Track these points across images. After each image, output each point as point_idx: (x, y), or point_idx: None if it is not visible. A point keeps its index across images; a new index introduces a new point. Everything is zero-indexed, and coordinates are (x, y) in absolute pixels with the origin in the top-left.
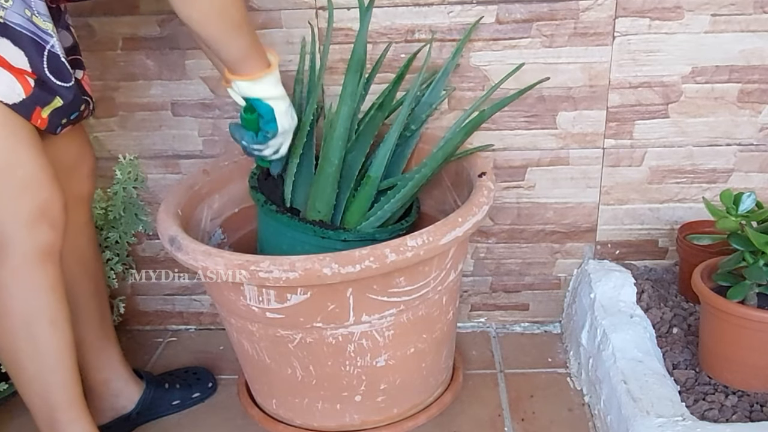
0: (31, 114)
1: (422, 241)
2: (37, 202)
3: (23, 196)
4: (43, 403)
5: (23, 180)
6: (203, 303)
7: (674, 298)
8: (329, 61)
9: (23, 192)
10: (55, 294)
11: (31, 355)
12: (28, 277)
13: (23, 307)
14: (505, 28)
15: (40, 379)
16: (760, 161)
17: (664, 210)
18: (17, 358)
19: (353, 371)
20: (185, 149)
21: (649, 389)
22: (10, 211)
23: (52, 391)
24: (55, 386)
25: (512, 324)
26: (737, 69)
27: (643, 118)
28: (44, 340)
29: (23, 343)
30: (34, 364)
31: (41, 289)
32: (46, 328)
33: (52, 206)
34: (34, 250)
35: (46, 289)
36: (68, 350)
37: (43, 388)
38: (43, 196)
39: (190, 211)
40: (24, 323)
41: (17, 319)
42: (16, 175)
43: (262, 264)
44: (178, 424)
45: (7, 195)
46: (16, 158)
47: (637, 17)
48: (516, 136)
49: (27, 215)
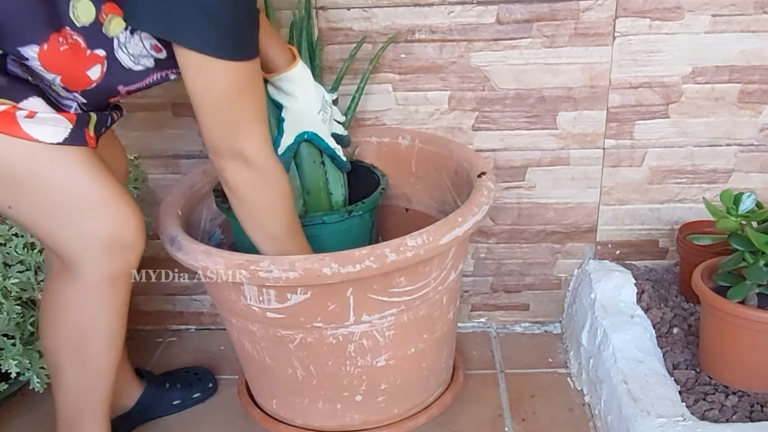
0: (84, 138)
1: (422, 240)
2: (109, 226)
3: (91, 221)
4: (74, 409)
5: (86, 205)
6: (203, 303)
7: (674, 298)
8: (329, 61)
9: (90, 217)
10: (119, 314)
11: (78, 367)
12: (98, 298)
13: (85, 324)
14: (505, 29)
15: (80, 389)
16: (761, 161)
17: (665, 210)
18: (64, 366)
19: (354, 371)
20: (185, 149)
21: (650, 389)
22: (79, 237)
23: (87, 404)
24: (91, 397)
25: (513, 324)
26: (737, 69)
27: (644, 119)
28: (96, 357)
29: (75, 356)
30: (79, 376)
31: (108, 310)
32: (101, 345)
33: (127, 228)
34: (108, 273)
35: (112, 310)
36: (115, 368)
37: (79, 397)
38: (114, 220)
39: (190, 211)
40: (81, 338)
41: (75, 334)
42: (77, 202)
43: (262, 264)
44: (179, 423)
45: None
46: (73, 186)
47: (637, 17)
48: (516, 136)
49: (100, 239)
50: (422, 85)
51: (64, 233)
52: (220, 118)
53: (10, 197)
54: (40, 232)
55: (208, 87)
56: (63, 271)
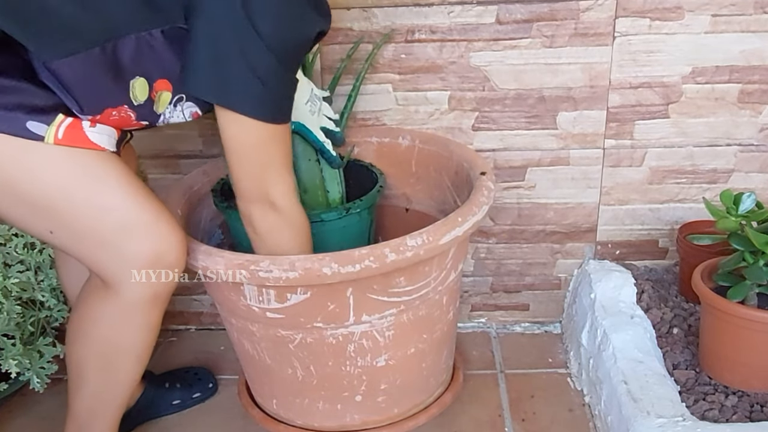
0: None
1: (422, 240)
2: (151, 246)
3: (133, 240)
4: (88, 414)
5: (127, 223)
6: (203, 303)
7: (674, 298)
8: (329, 61)
9: (133, 236)
10: (153, 333)
11: (103, 378)
12: (136, 318)
13: (117, 341)
14: (505, 29)
15: (98, 398)
16: (761, 161)
17: (665, 210)
18: (88, 376)
19: (353, 371)
20: (185, 149)
21: (650, 389)
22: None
23: (103, 410)
24: (109, 406)
25: (512, 324)
26: (737, 69)
27: (644, 119)
28: (123, 371)
29: (101, 368)
30: (101, 387)
31: (143, 328)
32: (128, 361)
33: (169, 249)
34: (149, 294)
35: (147, 329)
36: (137, 382)
37: (96, 405)
38: (156, 240)
39: (190, 211)
40: (111, 353)
41: (106, 349)
42: (117, 219)
43: (262, 264)
44: (179, 423)
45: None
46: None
47: (637, 17)
48: (516, 136)
49: (141, 261)
50: (422, 85)
51: (107, 255)
52: (253, 166)
53: (50, 222)
54: (82, 255)
55: (246, 140)
56: (102, 288)
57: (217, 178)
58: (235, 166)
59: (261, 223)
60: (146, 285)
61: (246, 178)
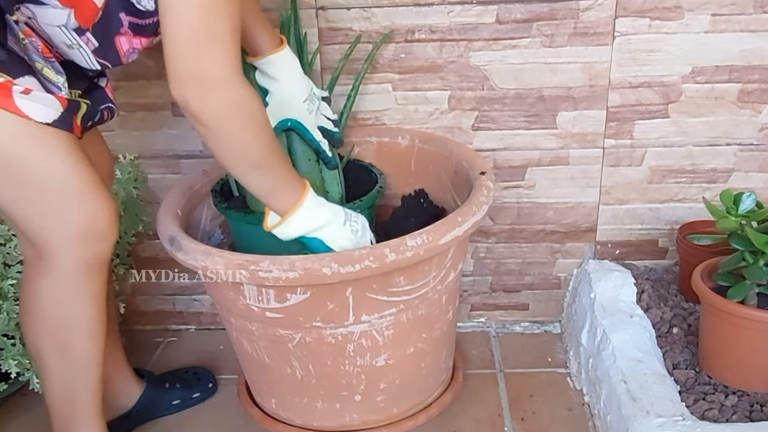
0: (71, 125)
1: (422, 240)
2: (83, 214)
3: (67, 208)
4: (64, 406)
5: (64, 192)
6: (203, 303)
7: (674, 298)
8: (329, 61)
9: (66, 204)
10: (95, 305)
11: (61, 360)
12: (73, 288)
13: (63, 316)
14: (505, 28)
15: (67, 384)
16: (760, 161)
17: (664, 210)
18: (48, 361)
19: (353, 371)
20: (185, 149)
21: (649, 389)
22: (54, 223)
23: (76, 398)
24: (80, 393)
25: (512, 324)
26: (737, 69)
27: (643, 118)
28: (78, 349)
29: (57, 349)
30: (64, 369)
31: (84, 300)
32: (82, 338)
33: (100, 218)
34: (81, 263)
35: (88, 300)
36: (99, 360)
37: (67, 392)
38: (89, 208)
39: (190, 211)
40: (60, 330)
41: (53, 326)
42: (55, 188)
43: (262, 264)
44: (178, 423)
45: (48, 208)
46: (54, 172)
47: (637, 17)
48: (516, 135)
49: (74, 227)
50: (422, 84)
51: (40, 219)
52: (190, 39)
53: None
54: (16, 215)
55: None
56: (37, 263)
57: (217, 178)
58: (169, 35)
59: (203, 109)
60: (78, 254)
61: (179, 55)
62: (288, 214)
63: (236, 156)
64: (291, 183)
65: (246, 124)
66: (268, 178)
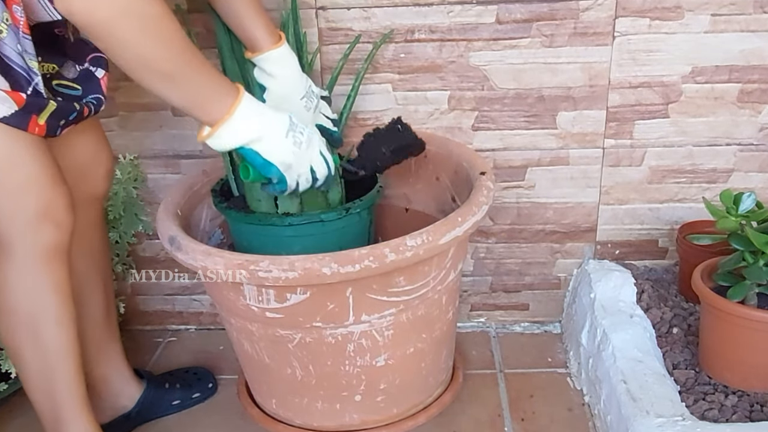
0: (27, 123)
1: (422, 240)
2: (40, 202)
3: (24, 196)
4: (47, 400)
5: (23, 181)
6: (203, 303)
7: (674, 298)
8: (329, 61)
9: (24, 192)
10: (60, 294)
11: (35, 353)
12: (33, 277)
13: (28, 306)
14: (505, 28)
15: (45, 377)
16: (760, 161)
17: (664, 210)
18: (22, 355)
19: (353, 371)
20: (185, 149)
21: (649, 389)
22: (12, 211)
23: (56, 390)
24: (59, 385)
25: (512, 324)
26: (737, 69)
27: (643, 118)
28: (49, 339)
29: (28, 342)
30: (39, 362)
31: (46, 289)
32: (51, 328)
33: (56, 206)
34: (39, 250)
35: (50, 288)
36: (73, 349)
37: (47, 386)
38: (46, 196)
39: (190, 211)
40: (28, 322)
41: (22, 318)
42: (15, 176)
43: (262, 264)
44: (178, 423)
45: (7, 196)
46: (14, 160)
47: (637, 17)
48: (516, 135)
49: (30, 215)
50: (422, 84)
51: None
52: None
53: None
54: None
55: None
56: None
57: (217, 178)
58: None
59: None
60: (35, 241)
61: None
62: (217, 125)
63: (139, 67)
64: (216, 92)
65: (146, 29)
66: (184, 90)
